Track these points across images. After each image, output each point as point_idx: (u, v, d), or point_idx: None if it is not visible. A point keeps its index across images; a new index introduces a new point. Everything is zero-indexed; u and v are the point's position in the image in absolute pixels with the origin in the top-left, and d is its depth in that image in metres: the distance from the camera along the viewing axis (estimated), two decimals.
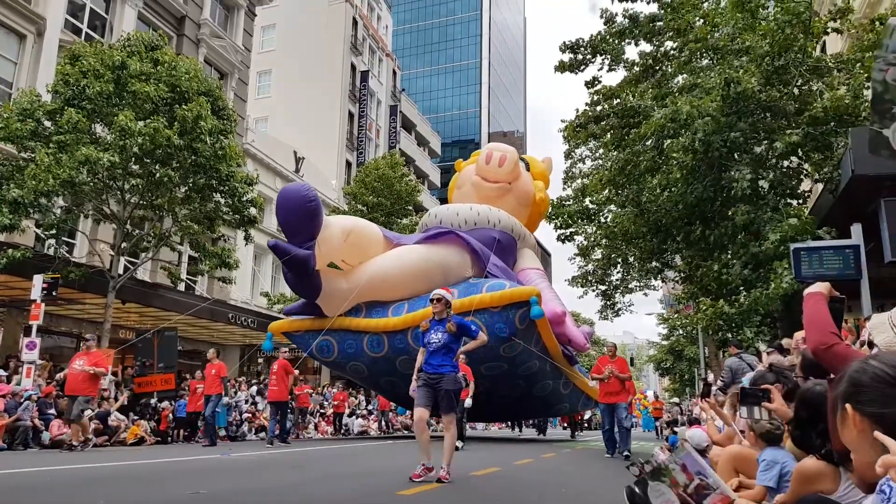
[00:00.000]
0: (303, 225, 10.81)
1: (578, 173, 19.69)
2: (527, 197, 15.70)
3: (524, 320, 11.95)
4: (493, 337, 11.41)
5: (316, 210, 10.87)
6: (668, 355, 40.11)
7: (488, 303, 11.90)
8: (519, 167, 15.38)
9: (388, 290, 12.53)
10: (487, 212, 14.12)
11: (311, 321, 12.91)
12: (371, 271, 12.28)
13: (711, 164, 11.77)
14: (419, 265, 12.60)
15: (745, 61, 11.13)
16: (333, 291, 12.04)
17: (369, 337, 12.56)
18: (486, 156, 15.24)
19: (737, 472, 3.23)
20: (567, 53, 14.51)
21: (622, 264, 18.63)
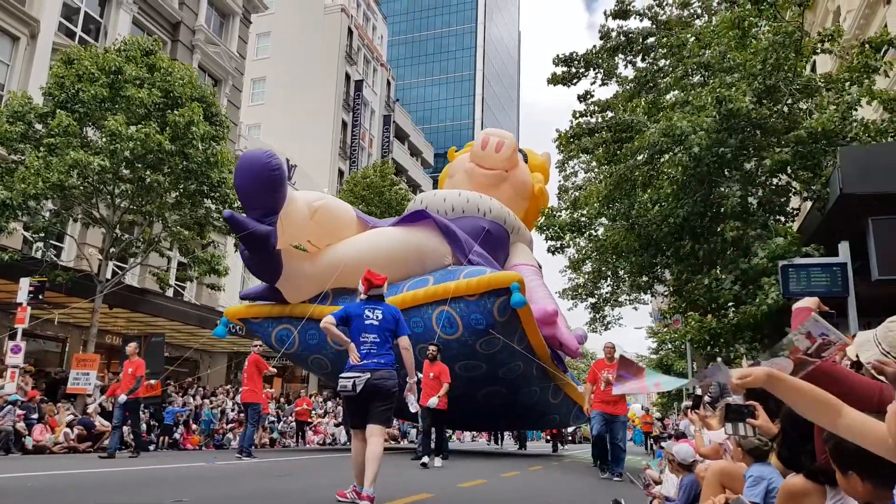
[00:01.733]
0: (263, 196, 9.63)
1: (571, 186, 19.80)
2: (524, 187, 14.48)
3: (504, 311, 10.58)
4: (469, 330, 10.54)
5: (279, 180, 9.64)
6: (657, 369, 40.19)
7: (464, 290, 10.56)
8: (517, 155, 14.26)
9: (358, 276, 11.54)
10: (478, 199, 12.94)
11: (271, 307, 11.73)
12: (340, 254, 11.05)
13: (702, 180, 11.85)
14: (395, 249, 11.40)
15: (737, 78, 11.26)
16: (296, 275, 10.91)
17: None
18: (483, 141, 14.09)
19: (723, 488, 3.24)
20: (560, 67, 14.62)
21: (612, 278, 18.69)
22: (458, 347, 10.73)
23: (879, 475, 1.73)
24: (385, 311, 5.17)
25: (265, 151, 9.81)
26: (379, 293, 5.36)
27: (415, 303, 10.73)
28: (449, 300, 10.46)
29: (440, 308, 10.50)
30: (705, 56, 12.47)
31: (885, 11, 15.13)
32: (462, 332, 10.54)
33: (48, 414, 11.64)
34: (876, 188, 8.35)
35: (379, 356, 4.90)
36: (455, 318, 10.52)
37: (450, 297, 10.46)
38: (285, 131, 34.83)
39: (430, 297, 10.62)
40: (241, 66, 26.35)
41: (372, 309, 5.16)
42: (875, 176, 8.56)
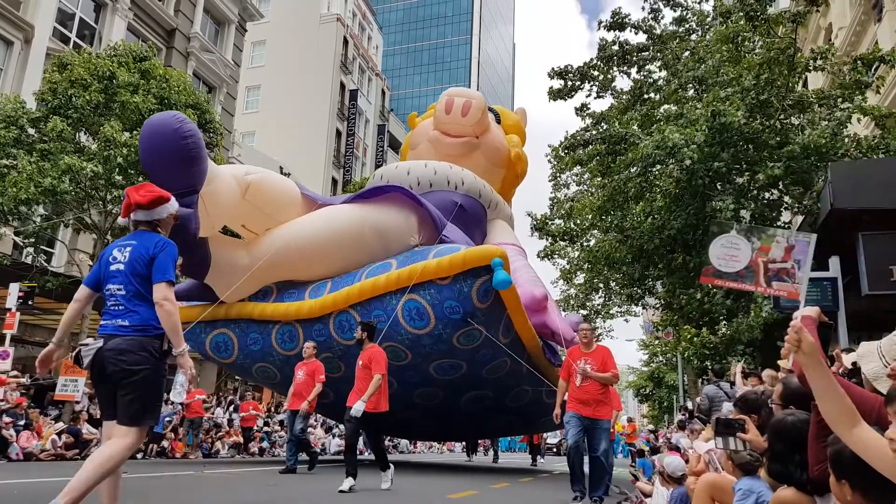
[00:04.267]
0: (177, 171, 7.69)
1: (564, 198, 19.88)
2: (499, 154, 12.44)
3: (486, 295, 8.68)
4: (443, 322, 8.67)
5: (194, 151, 7.76)
6: (648, 381, 40.25)
7: (434, 272, 8.62)
8: (487, 117, 12.24)
9: (306, 265, 9.50)
10: (447, 170, 11.08)
11: (202, 309, 9.62)
12: (283, 239, 9.24)
13: (695, 193, 11.94)
14: (349, 230, 9.52)
15: (731, 93, 11.38)
16: (229, 268, 9.00)
17: (279, 329, 9.45)
18: (446, 104, 11.94)
19: (713, 501, 3.24)
20: (556, 80, 14.74)
21: (604, 289, 18.77)
22: (431, 344, 8.97)
23: (871, 490, 1.75)
24: (139, 245, 3.47)
25: (174, 114, 7.96)
26: (148, 219, 3.62)
27: (375, 293, 8.91)
28: (417, 286, 8.65)
29: (407, 297, 8.72)
30: (700, 70, 12.60)
31: (876, 28, 15.35)
32: (434, 325, 8.72)
33: (35, 421, 11.51)
34: (866, 204, 8.43)
35: (122, 316, 3.36)
36: (425, 308, 8.70)
37: (415, 281, 8.63)
38: (279, 139, 34.82)
39: (393, 284, 8.77)
40: (235, 74, 26.37)
41: (123, 247, 3.51)
42: (866, 191, 8.65)
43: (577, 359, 6.69)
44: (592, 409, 6.50)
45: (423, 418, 11.46)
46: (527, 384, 10.53)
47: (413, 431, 13.85)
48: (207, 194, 8.24)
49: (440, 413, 10.74)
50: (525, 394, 10.92)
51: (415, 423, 11.99)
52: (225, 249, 9.15)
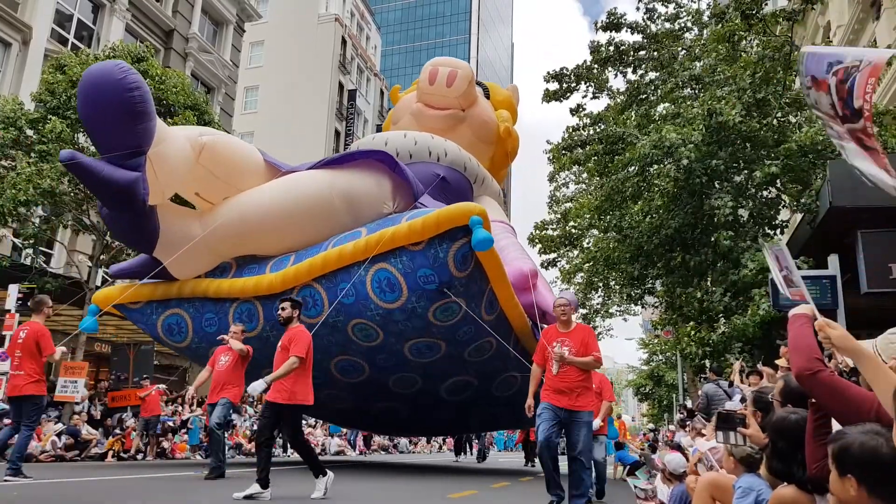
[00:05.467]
0: (121, 129, 6.83)
1: (562, 197, 19.92)
2: (486, 129, 11.35)
3: (464, 261, 7.64)
4: (417, 293, 7.66)
5: (141, 106, 6.85)
6: (648, 380, 40.27)
7: (405, 237, 7.68)
8: (474, 88, 11.32)
9: (268, 237, 8.56)
10: (429, 140, 10.05)
11: (153, 287, 8.86)
12: (241, 208, 8.29)
13: (693, 192, 11.96)
14: (316, 197, 8.51)
15: (727, 91, 11.40)
16: (182, 240, 8.03)
17: (238, 307, 8.48)
18: (430, 74, 11.01)
19: (714, 500, 3.25)
20: (552, 82, 14.77)
21: (603, 289, 18.79)
22: (404, 320, 7.94)
23: (879, 486, 1.75)
24: None
25: (116, 63, 7.02)
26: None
27: (341, 263, 7.95)
28: (387, 254, 7.74)
29: (376, 266, 7.78)
30: (696, 69, 12.62)
31: (874, 26, 15.36)
32: (407, 297, 7.73)
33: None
34: (865, 202, 8.44)
35: None
36: (396, 278, 7.71)
37: (384, 248, 7.71)
38: (278, 140, 34.80)
39: (360, 253, 7.81)
40: (234, 75, 26.36)
41: None
42: (864, 189, 8.61)
43: (554, 340, 5.66)
44: (571, 400, 5.46)
45: (401, 410, 10.23)
46: (515, 370, 9.25)
47: (391, 425, 12.04)
48: (157, 156, 7.29)
49: (420, 403, 9.69)
50: (513, 382, 9.60)
51: (392, 416, 10.66)
52: (176, 220, 8.21)
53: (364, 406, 10.17)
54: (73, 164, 7.02)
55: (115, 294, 9.27)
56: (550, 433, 5.47)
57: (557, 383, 5.52)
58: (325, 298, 8.08)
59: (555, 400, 5.51)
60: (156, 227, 7.90)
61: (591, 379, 5.67)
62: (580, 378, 5.53)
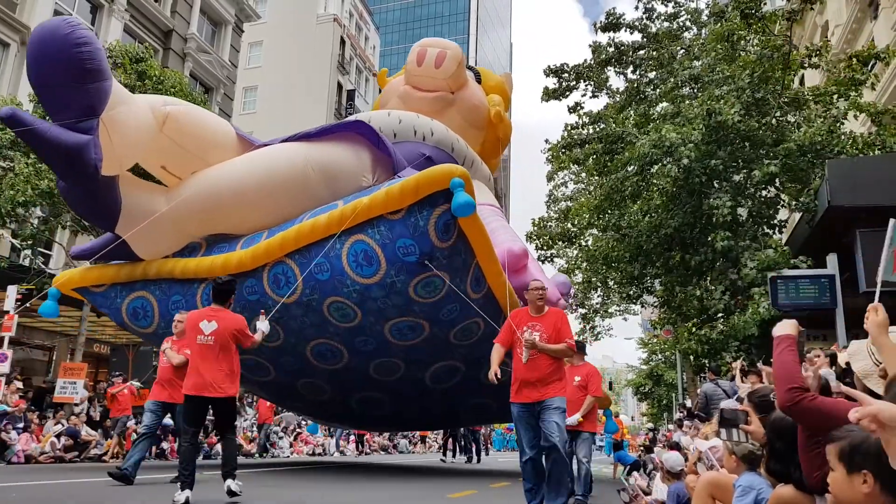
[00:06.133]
0: (70, 88, 6.32)
1: (561, 196, 19.93)
2: (477, 114, 10.81)
3: (447, 229, 7.09)
4: (396, 266, 7.14)
5: (91, 63, 6.30)
6: (647, 380, 40.29)
7: (382, 204, 7.14)
8: (464, 70, 10.86)
9: (240, 214, 7.95)
10: (414, 119, 9.48)
11: (118, 268, 8.25)
12: (211, 182, 7.71)
13: (692, 192, 11.97)
14: (290, 171, 7.96)
15: (726, 91, 11.41)
16: (145, 215, 7.42)
17: (206, 287, 7.65)
18: (418, 55, 10.58)
19: (713, 499, 3.25)
20: (551, 78, 14.76)
21: (602, 288, 18.80)
22: (383, 296, 7.35)
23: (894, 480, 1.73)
24: None
25: (65, 19, 6.54)
26: None
27: (314, 236, 7.41)
28: (364, 224, 7.19)
29: (353, 238, 7.25)
30: (695, 68, 12.64)
31: (872, 26, 15.38)
32: (386, 271, 7.19)
33: (34, 423, 11.50)
34: (864, 201, 8.46)
35: None
36: (374, 250, 7.17)
37: (360, 218, 7.14)
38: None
39: (335, 224, 7.26)
40: (232, 75, 26.35)
41: None
42: (863, 188, 8.68)
43: (524, 326, 5.05)
44: (541, 392, 4.90)
45: (384, 400, 9.42)
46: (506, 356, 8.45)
47: (373, 419, 10.82)
48: (112, 120, 6.74)
49: (403, 393, 8.98)
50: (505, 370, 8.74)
51: (374, 408, 9.73)
52: (140, 194, 7.65)
53: (344, 397, 9.35)
54: (14, 123, 6.36)
55: (76, 277, 8.64)
56: (536, 444, 4.88)
57: (527, 373, 4.93)
58: (299, 275, 7.44)
59: (526, 396, 4.93)
60: (116, 200, 7.31)
61: (563, 368, 5.15)
62: (551, 367, 4.95)
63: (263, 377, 8.66)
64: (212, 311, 5.30)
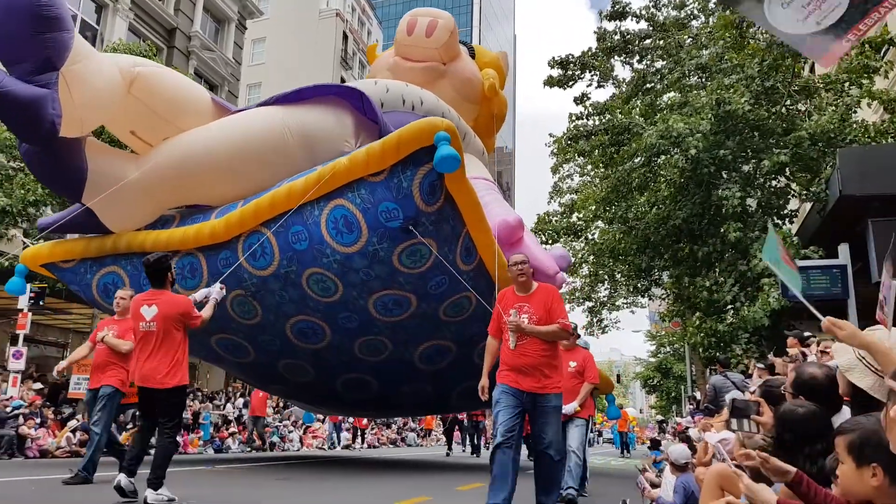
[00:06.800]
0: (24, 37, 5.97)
1: (566, 189, 19.87)
2: (470, 86, 10.30)
3: (431, 190, 6.52)
4: (378, 232, 6.61)
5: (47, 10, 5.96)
6: (656, 372, 40.26)
7: (362, 165, 6.60)
8: (457, 40, 10.40)
9: (214, 181, 7.44)
10: (402, 88, 8.89)
11: (87, 242, 7.81)
12: (184, 148, 7.25)
13: (700, 182, 11.92)
14: (267, 136, 7.45)
15: (735, 80, 11.33)
16: (114, 184, 6.96)
17: (179, 260, 7.36)
18: (408, 24, 10.16)
19: (723, 491, 3.25)
20: (556, 69, 14.70)
21: (609, 281, 18.76)
22: (365, 267, 6.80)
23: None
24: None
25: None
26: None
27: (291, 203, 6.83)
28: (344, 188, 6.65)
29: (332, 203, 6.74)
30: (703, 57, 12.55)
31: None
32: (367, 238, 6.67)
33: (49, 419, 11.62)
34: (876, 189, 8.42)
35: None
36: (354, 216, 6.64)
37: (338, 182, 6.63)
38: None
39: (311, 188, 6.73)
40: (236, 72, 26.38)
41: None
42: (874, 177, 8.63)
43: (510, 306, 4.55)
44: (535, 381, 4.35)
45: (370, 382, 8.82)
46: None
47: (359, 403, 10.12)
48: (73, 75, 6.29)
49: (391, 374, 8.43)
50: None
51: (361, 390, 9.08)
52: (108, 160, 7.20)
53: (328, 378, 8.77)
54: None
55: (44, 252, 8.15)
56: (513, 428, 4.26)
57: (516, 360, 4.39)
58: (276, 246, 6.96)
59: (514, 381, 4.36)
60: (81, 166, 6.88)
61: (558, 353, 4.58)
62: (545, 352, 4.39)
63: (243, 358, 8.15)
64: (151, 295, 4.90)
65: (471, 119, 10.43)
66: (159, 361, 4.74)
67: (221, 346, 8.02)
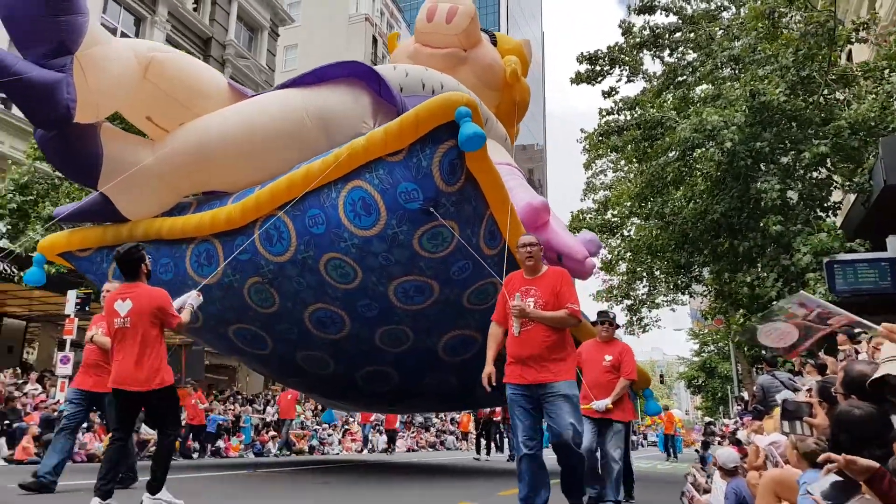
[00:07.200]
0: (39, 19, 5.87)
1: (600, 185, 19.62)
2: (491, 73, 10.07)
3: (452, 169, 6.17)
4: (398, 214, 6.29)
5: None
6: (700, 372, 39.43)
7: (380, 145, 6.30)
8: (477, 26, 10.19)
9: (231, 166, 7.28)
10: (422, 72, 8.64)
11: (104, 230, 7.66)
12: (200, 132, 7.13)
13: (737, 176, 11.64)
14: (286, 119, 7.28)
15: (769, 70, 11.04)
16: (127, 168, 6.88)
17: (195, 247, 7.24)
18: (428, 11, 10.00)
19: (778, 498, 3.14)
20: (584, 64, 14.53)
21: (647, 278, 18.46)
22: (384, 251, 6.52)
23: None
24: None
25: None
26: None
27: (307, 185, 6.55)
28: (362, 169, 6.37)
29: (350, 185, 6.45)
30: (735, 49, 12.25)
31: None
32: (386, 220, 6.37)
33: (96, 423, 11.95)
34: None
35: None
36: (372, 197, 6.34)
37: (356, 163, 6.36)
38: None
39: (328, 169, 6.48)
40: (270, 79, 26.81)
41: None
42: None
43: (516, 290, 4.25)
44: (539, 371, 4.02)
45: (391, 374, 8.38)
46: None
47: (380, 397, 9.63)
48: (88, 59, 6.16)
49: (414, 366, 7.97)
50: None
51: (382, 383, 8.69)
52: (123, 146, 7.07)
53: (348, 371, 8.40)
54: None
55: (62, 241, 7.97)
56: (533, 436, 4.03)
57: (520, 349, 4.08)
58: (293, 230, 6.71)
59: (520, 376, 4.06)
60: (96, 152, 6.77)
61: (568, 342, 4.17)
62: (551, 340, 4.04)
63: (261, 350, 7.79)
64: (126, 288, 4.48)
65: (493, 106, 10.17)
66: (137, 361, 4.27)
67: (239, 337, 7.83)
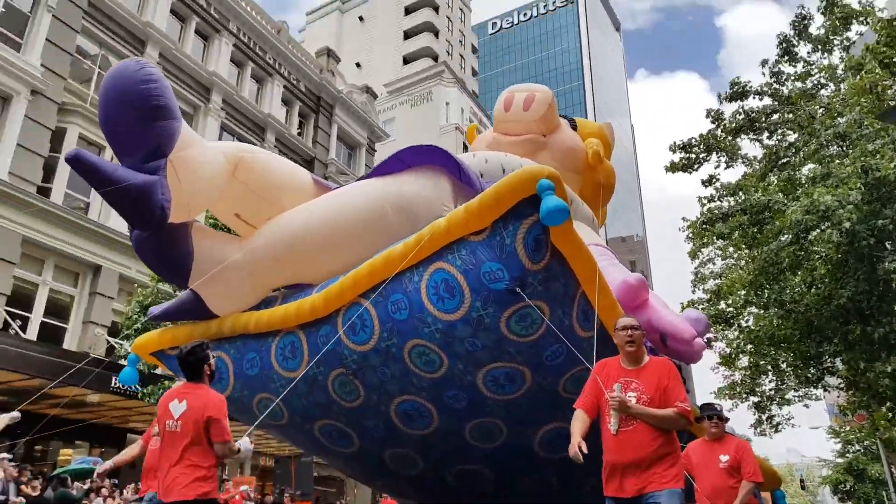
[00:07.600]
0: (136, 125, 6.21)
1: (709, 274, 18.74)
2: (572, 156, 9.87)
3: (537, 246, 5.76)
4: (483, 296, 5.85)
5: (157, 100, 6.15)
6: (847, 475, 34.82)
7: (462, 224, 5.98)
8: (555, 113, 10.04)
9: (314, 258, 7.36)
10: (502, 158, 8.49)
11: (192, 327, 7.70)
12: (284, 227, 7.30)
13: (860, 257, 10.73)
14: (368, 210, 7.31)
15: (880, 145, 10.38)
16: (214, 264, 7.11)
17: (280, 340, 7.14)
18: (505, 101, 10.02)
19: None
20: (678, 153, 14.35)
21: (773, 371, 16.97)
22: (470, 335, 6.12)
23: None
24: None
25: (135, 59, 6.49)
26: None
27: (388, 271, 6.38)
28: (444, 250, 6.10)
29: (432, 267, 6.19)
30: (840, 126, 11.71)
31: None
32: (471, 303, 5.99)
33: None
34: None
35: None
36: (455, 279, 6.04)
37: (438, 245, 6.10)
38: None
39: (410, 253, 6.33)
40: None
41: None
42: None
43: (614, 381, 3.85)
44: (641, 480, 3.50)
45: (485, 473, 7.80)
46: None
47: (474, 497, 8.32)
48: (181, 160, 6.44)
49: (508, 464, 7.50)
50: None
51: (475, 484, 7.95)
52: (213, 245, 7.22)
53: (438, 470, 7.73)
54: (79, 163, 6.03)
55: (154, 340, 8.09)
56: None
57: (619, 453, 3.56)
58: (375, 317, 6.50)
59: (618, 488, 3.54)
60: (187, 251, 6.95)
61: (675, 445, 3.64)
62: (656, 443, 3.52)
63: (347, 448, 7.48)
64: (185, 389, 4.28)
65: (576, 189, 9.90)
66: (180, 470, 3.95)
67: (325, 434, 7.53)
